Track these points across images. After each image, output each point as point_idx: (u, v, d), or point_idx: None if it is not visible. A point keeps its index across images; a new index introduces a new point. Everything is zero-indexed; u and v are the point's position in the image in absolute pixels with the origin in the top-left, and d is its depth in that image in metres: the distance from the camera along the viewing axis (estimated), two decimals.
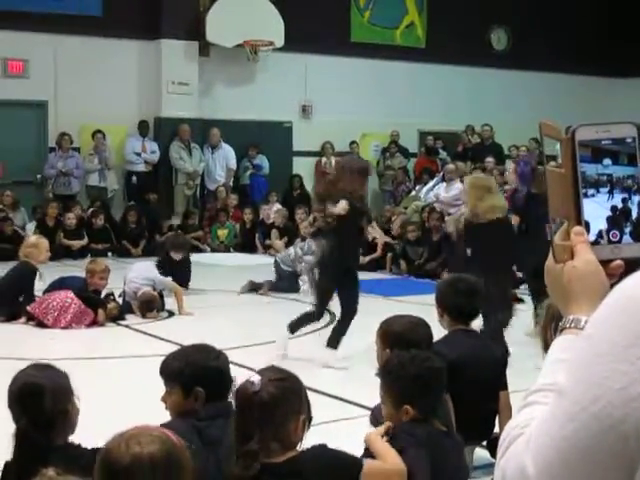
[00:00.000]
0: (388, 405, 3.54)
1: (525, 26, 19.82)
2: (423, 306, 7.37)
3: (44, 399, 3.08)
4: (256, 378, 2.88)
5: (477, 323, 5.24)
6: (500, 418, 4.66)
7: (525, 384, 1.41)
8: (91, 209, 15.44)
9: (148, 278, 9.86)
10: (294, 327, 7.67)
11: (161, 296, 9.91)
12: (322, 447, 2.98)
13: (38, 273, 9.41)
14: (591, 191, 1.39)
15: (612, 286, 1.24)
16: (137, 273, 9.95)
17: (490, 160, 16.53)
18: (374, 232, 12.45)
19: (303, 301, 10.81)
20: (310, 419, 2.93)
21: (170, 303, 9.94)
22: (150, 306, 9.61)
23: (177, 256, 10.94)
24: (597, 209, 1.39)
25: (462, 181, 15.54)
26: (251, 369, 3.28)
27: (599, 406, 1.11)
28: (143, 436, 2.44)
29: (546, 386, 1.26)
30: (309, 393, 2.98)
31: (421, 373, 3.50)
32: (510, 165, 9.65)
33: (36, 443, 3.02)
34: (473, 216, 7.35)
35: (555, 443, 1.15)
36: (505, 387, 4.76)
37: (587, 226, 1.39)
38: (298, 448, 2.90)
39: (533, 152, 15.95)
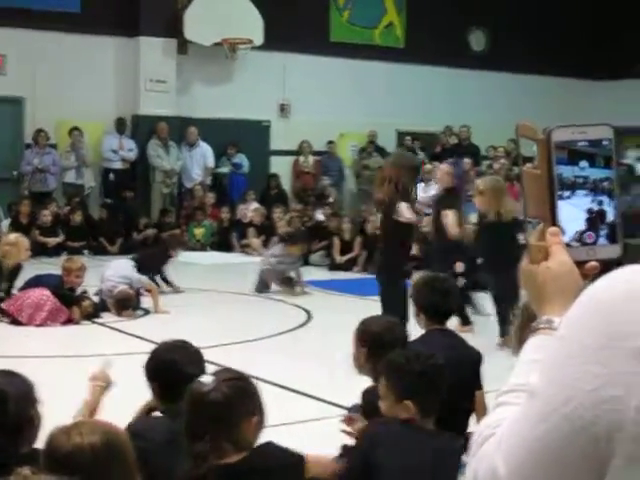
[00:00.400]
0: (389, 400, 3.55)
1: (503, 28, 19.89)
2: None
3: (8, 406, 3.05)
4: (209, 378, 2.88)
5: (452, 323, 5.24)
6: (476, 417, 4.68)
7: (498, 384, 1.41)
8: (68, 206, 15.36)
9: (125, 276, 9.82)
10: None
11: (137, 294, 9.87)
12: (269, 444, 2.98)
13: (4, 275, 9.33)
14: (567, 193, 1.39)
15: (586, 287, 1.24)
16: (114, 271, 9.91)
17: (468, 161, 16.60)
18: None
19: (286, 301, 10.82)
20: (263, 421, 2.92)
21: (147, 302, 9.90)
22: (126, 304, 9.56)
23: (175, 255, 11.26)
24: (573, 211, 1.40)
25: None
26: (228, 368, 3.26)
27: (570, 407, 1.12)
28: (84, 427, 2.45)
29: (518, 386, 1.27)
30: (287, 392, 2.98)
31: (426, 370, 3.55)
32: (443, 166, 9.72)
33: (2, 450, 2.99)
34: (497, 216, 7.93)
35: (527, 444, 1.15)
36: (480, 386, 4.77)
37: (562, 229, 1.39)
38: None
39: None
